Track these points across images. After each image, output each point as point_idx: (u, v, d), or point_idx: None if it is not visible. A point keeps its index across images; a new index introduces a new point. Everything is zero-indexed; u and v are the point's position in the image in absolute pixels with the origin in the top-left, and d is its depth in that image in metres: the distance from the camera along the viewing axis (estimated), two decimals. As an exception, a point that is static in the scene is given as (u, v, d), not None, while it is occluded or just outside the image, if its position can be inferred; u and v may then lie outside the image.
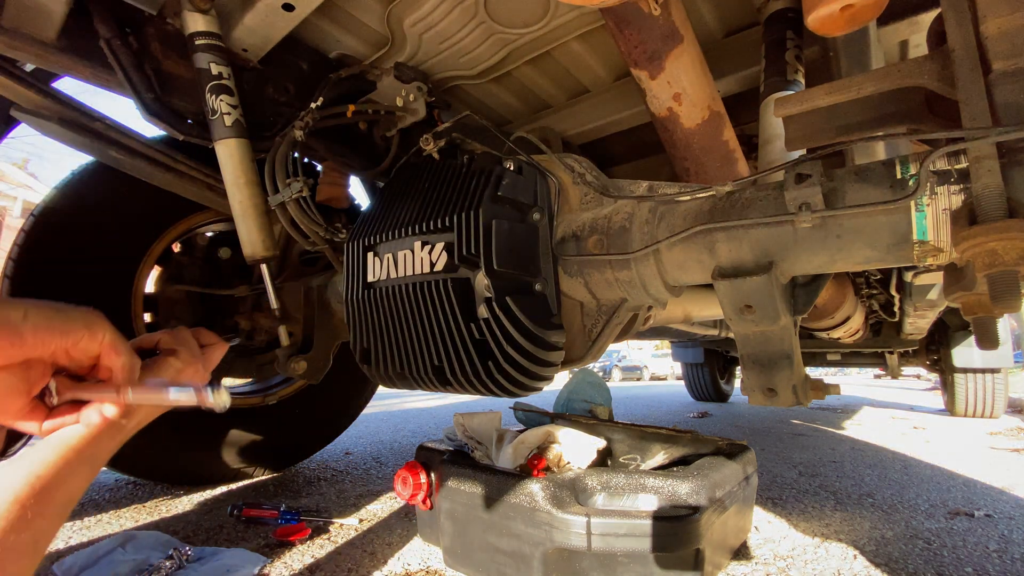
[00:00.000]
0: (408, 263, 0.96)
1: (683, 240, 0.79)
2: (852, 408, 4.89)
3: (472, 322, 0.88)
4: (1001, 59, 0.57)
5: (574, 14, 1.29)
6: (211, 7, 1.14)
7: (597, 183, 0.94)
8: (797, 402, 0.78)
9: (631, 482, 1.06)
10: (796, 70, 1.13)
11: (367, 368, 1.09)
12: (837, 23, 0.72)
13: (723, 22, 1.41)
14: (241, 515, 1.46)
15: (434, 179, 1.03)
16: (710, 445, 1.29)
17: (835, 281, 1.86)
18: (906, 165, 0.64)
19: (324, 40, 1.40)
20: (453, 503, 1.16)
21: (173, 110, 1.22)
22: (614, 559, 0.98)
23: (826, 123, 0.76)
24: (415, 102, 1.41)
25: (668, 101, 1.04)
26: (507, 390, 0.89)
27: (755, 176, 0.74)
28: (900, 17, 1.19)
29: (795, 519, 1.54)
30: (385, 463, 2.31)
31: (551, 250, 0.94)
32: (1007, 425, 3.66)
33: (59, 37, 1.09)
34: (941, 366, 4.20)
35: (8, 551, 0.45)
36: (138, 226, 1.66)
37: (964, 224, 0.55)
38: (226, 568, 1.13)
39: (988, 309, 0.71)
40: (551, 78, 1.61)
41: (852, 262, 0.70)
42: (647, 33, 0.93)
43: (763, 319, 0.75)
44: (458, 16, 1.28)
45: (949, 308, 2.96)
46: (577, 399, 1.70)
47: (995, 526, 1.49)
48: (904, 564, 1.22)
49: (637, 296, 0.88)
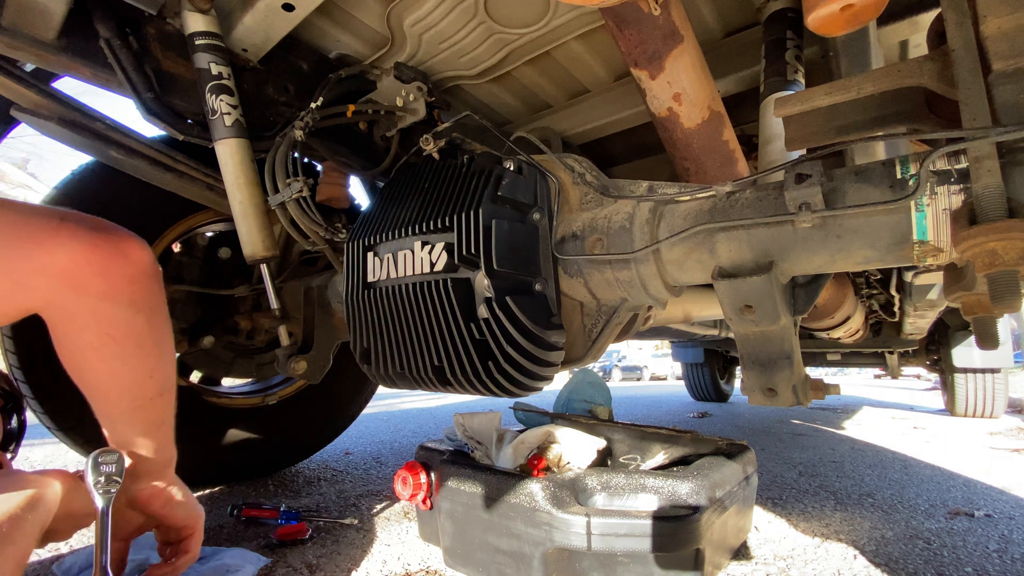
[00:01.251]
0: (408, 263, 0.96)
1: (683, 240, 0.79)
2: (852, 408, 4.89)
3: (472, 322, 0.88)
4: (1001, 59, 0.57)
5: (574, 14, 1.29)
6: (211, 7, 1.14)
7: (597, 183, 0.94)
8: (797, 402, 0.78)
9: (631, 482, 1.06)
10: (796, 70, 1.13)
11: (367, 368, 1.09)
12: (837, 23, 0.72)
13: (723, 22, 1.41)
14: (241, 515, 1.46)
15: (434, 179, 1.03)
16: (710, 445, 1.28)
17: (835, 281, 1.86)
18: (906, 165, 0.64)
19: (324, 40, 1.40)
20: (453, 503, 1.16)
21: (173, 110, 1.22)
22: (614, 559, 0.98)
23: (826, 123, 0.76)
24: (415, 102, 1.42)
25: (668, 101, 1.04)
26: (507, 390, 0.89)
27: (755, 176, 0.74)
28: (900, 17, 1.19)
29: (795, 519, 1.54)
30: (385, 463, 2.31)
31: (551, 250, 0.94)
32: (1007, 425, 3.66)
33: (59, 37, 1.09)
34: (941, 366, 4.20)
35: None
36: (138, 226, 1.64)
37: (964, 224, 0.55)
38: (226, 568, 1.13)
39: (988, 309, 0.71)
40: (551, 78, 1.61)
41: (852, 262, 0.70)
42: (647, 33, 0.93)
43: (763, 319, 0.75)
44: (458, 16, 1.28)
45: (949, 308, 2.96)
46: (577, 399, 1.69)
47: (995, 526, 1.49)
48: (904, 564, 1.22)
49: (637, 296, 0.88)
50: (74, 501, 0.73)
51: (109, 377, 0.75)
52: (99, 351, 0.72)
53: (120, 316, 0.71)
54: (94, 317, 0.70)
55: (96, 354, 0.72)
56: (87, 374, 0.75)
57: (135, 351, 0.75)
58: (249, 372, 1.88)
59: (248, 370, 1.88)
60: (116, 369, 0.74)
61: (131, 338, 0.74)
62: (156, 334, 0.78)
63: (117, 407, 0.79)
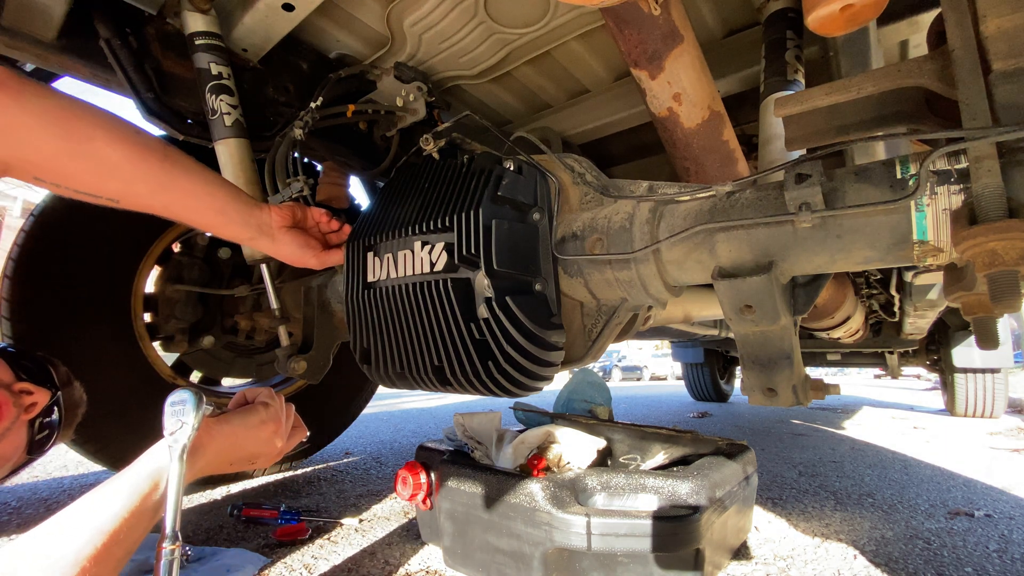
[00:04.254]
0: (408, 263, 0.95)
1: (683, 240, 0.79)
2: (852, 408, 4.89)
3: (472, 322, 0.88)
4: (1001, 59, 0.57)
5: (574, 14, 1.29)
6: (211, 7, 1.14)
7: (597, 183, 0.94)
8: (797, 402, 0.78)
9: (631, 482, 1.06)
10: (796, 70, 1.13)
11: (367, 368, 1.09)
12: (837, 23, 0.72)
13: (723, 22, 1.41)
14: (241, 515, 1.46)
15: (434, 179, 1.03)
16: (710, 445, 1.28)
17: (835, 281, 1.86)
18: (906, 165, 0.64)
19: (324, 40, 1.40)
20: (453, 503, 1.16)
21: (173, 110, 1.22)
22: (614, 559, 0.98)
23: (826, 123, 0.76)
24: (415, 102, 1.41)
25: (668, 101, 1.04)
26: (507, 390, 0.89)
27: (755, 176, 0.74)
28: (900, 17, 1.19)
29: (795, 519, 1.54)
30: (385, 463, 2.31)
31: (551, 250, 0.94)
32: (1007, 425, 3.66)
33: (59, 37, 1.09)
34: (941, 366, 4.20)
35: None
36: (138, 226, 1.66)
37: (964, 224, 0.55)
38: (226, 568, 1.13)
39: (988, 309, 0.71)
40: (551, 78, 1.61)
41: (852, 262, 0.70)
42: (647, 33, 0.93)
43: (763, 319, 0.75)
44: (458, 16, 1.28)
45: (949, 308, 2.96)
46: (577, 399, 1.70)
47: (995, 526, 1.49)
48: (904, 564, 1.22)
49: (637, 296, 0.88)
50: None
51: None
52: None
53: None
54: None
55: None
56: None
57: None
58: (249, 372, 1.88)
59: (248, 370, 1.88)
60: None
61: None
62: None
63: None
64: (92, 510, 0.52)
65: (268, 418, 0.71)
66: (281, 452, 0.76)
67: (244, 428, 0.70)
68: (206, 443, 0.64)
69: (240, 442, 0.68)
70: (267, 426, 0.70)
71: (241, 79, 1.27)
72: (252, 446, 0.70)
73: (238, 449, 0.68)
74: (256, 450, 0.71)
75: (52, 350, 1.13)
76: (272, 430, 0.71)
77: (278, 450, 0.74)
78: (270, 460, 0.74)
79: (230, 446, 0.67)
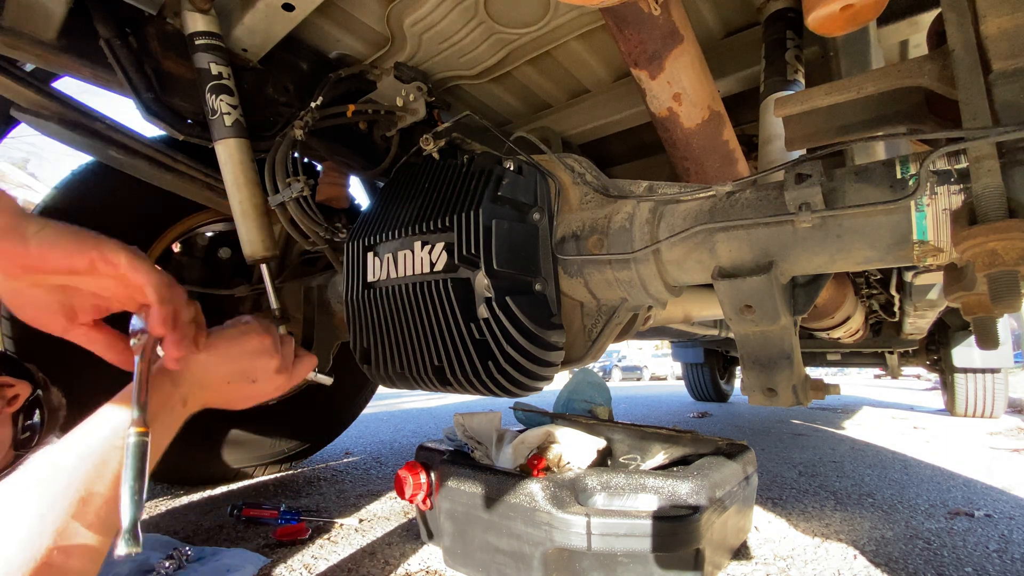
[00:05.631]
0: (408, 263, 0.95)
1: (683, 240, 0.79)
2: (852, 408, 4.89)
3: (472, 322, 0.88)
4: (1001, 59, 0.57)
5: (574, 14, 1.29)
6: (211, 7, 1.14)
7: (597, 183, 0.94)
8: (797, 402, 0.78)
9: (631, 482, 1.06)
10: (796, 70, 1.13)
11: (367, 368, 1.09)
12: (837, 23, 0.72)
13: (723, 22, 1.41)
14: (241, 515, 1.46)
15: (434, 179, 1.03)
16: (710, 445, 1.29)
17: (835, 281, 1.85)
18: (906, 165, 0.64)
19: (324, 40, 1.40)
20: (453, 503, 1.16)
21: (173, 110, 1.22)
22: (614, 559, 0.98)
23: (826, 123, 0.76)
24: (415, 102, 1.41)
25: (668, 101, 1.04)
26: (507, 390, 0.89)
27: (755, 176, 0.74)
28: (900, 17, 1.19)
29: (795, 519, 1.54)
30: (385, 463, 2.31)
31: (551, 250, 0.94)
32: (1007, 425, 3.66)
33: (59, 37, 1.09)
34: (941, 366, 4.20)
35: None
36: (138, 226, 1.66)
37: (964, 224, 0.55)
38: (226, 568, 1.13)
39: (988, 309, 0.71)
40: (551, 78, 1.61)
41: (852, 262, 0.70)
42: (647, 33, 0.93)
43: (763, 319, 0.75)
44: (458, 16, 1.28)
45: (949, 308, 2.96)
46: (577, 399, 1.70)
47: (995, 526, 1.49)
48: (904, 564, 1.22)
49: (637, 296, 0.88)
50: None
51: None
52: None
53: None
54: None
55: None
56: None
57: None
58: (249, 372, 1.88)
59: (248, 370, 1.87)
60: None
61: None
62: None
63: None
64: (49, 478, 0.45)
65: (250, 330, 0.63)
66: (288, 377, 0.68)
67: (226, 340, 0.62)
68: (186, 356, 0.57)
69: (227, 351, 0.61)
70: (252, 337, 0.62)
71: (241, 79, 1.27)
72: (242, 358, 0.63)
73: (228, 361, 0.62)
74: (248, 364, 0.62)
75: (52, 350, 1.13)
76: (260, 341, 0.63)
77: (277, 369, 0.66)
78: (273, 382, 0.65)
79: (218, 357, 0.61)
